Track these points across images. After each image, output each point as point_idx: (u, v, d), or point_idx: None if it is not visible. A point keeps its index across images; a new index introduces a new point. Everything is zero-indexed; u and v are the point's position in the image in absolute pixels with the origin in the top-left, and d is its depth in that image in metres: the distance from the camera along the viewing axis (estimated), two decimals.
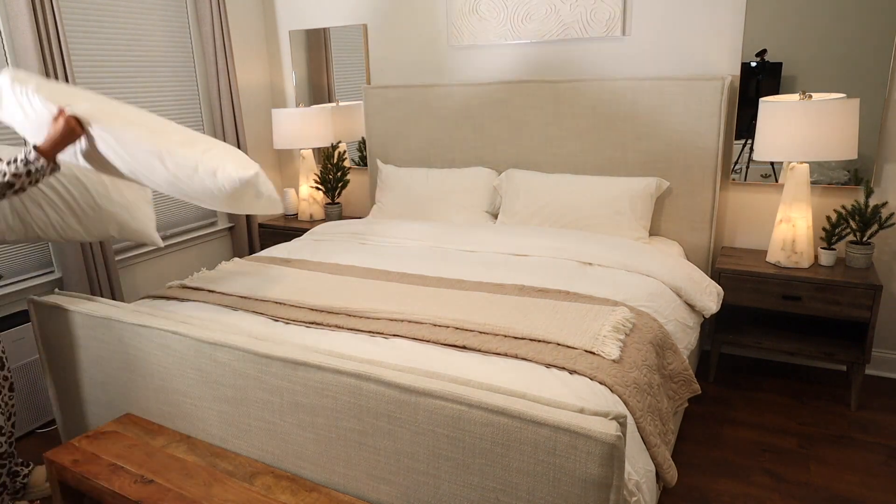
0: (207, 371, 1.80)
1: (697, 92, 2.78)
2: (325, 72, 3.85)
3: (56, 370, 2.22)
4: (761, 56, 2.75)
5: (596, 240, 2.66)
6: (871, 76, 2.59)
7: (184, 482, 1.69)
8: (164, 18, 3.36)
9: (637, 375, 1.73)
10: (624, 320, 1.91)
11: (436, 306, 2.04)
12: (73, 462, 1.81)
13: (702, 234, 2.92)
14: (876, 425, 2.51)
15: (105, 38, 3.07)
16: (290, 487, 1.65)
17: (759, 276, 2.63)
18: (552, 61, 3.20)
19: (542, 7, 3.13)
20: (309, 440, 1.66)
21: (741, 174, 2.91)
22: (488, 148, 3.33)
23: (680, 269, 2.46)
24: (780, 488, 2.15)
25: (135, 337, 1.94)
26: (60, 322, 2.12)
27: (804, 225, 2.60)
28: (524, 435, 1.33)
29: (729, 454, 2.35)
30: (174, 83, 3.45)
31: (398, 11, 3.53)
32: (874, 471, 2.23)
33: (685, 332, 2.27)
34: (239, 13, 3.78)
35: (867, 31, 2.55)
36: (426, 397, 1.43)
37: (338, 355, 1.63)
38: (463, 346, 1.78)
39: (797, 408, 2.65)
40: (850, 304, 2.50)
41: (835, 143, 2.42)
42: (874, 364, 2.90)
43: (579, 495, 1.31)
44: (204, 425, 1.88)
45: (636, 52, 3.01)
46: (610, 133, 3.01)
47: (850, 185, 2.73)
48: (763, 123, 2.56)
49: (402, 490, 1.55)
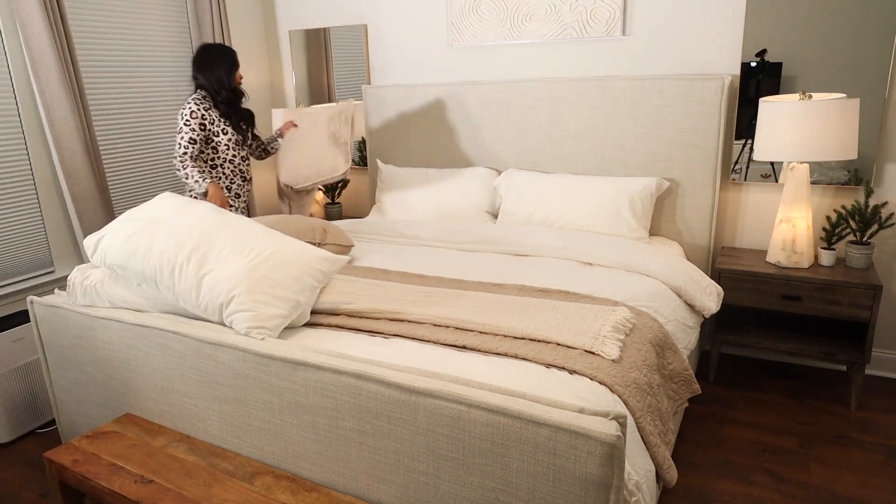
0: (207, 371, 1.80)
1: (697, 92, 2.78)
2: (325, 72, 3.85)
3: (56, 370, 2.22)
4: (761, 56, 2.75)
5: (596, 240, 2.66)
6: (871, 76, 2.59)
7: (184, 482, 1.68)
8: (164, 18, 3.36)
9: (637, 375, 1.73)
10: (624, 320, 1.91)
11: (436, 306, 2.03)
12: (73, 462, 1.81)
13: (702, 234, 2.92)
14: (876, 425, 2.51)
15: (105, 38, 3.07)
16: (289, 487, 1.65)
17: (759, 276, 2.63)
18: (552, 61, 3.20)
19: (542, 7, 3.13)
20: (309, 440, 1.66)
21: (741, 174, 2.91)
22: (488, 148, 3.33)
23: (680, 269, 2.46)
24: (780, 488, 2.15)
25: (135, 337, 1.94)
26: (60, 322, 2.12)
27: (804, 225, 2.60)
28: (524, 435, 1.33)
29: (729, 454, 2.35)
30: (174, 83, 3.45)
31: (398, 11, 3.53)
32: (874, 471, 2.23)
33: (685, 331, 2.27)
34: (239, 13, 3.78)
35: (867, 31, 2.55)
36: (426, 397, 1.43)
37: (338, 355, 1.63)
38: (463, 346, 1.78)
39: (797, 408, 2.65)
40: (850, 304, 2.50)
41: (835, 143, 2.41)
42: (874, 364, 2.89)
43: (579, 495, 1.31)
44: (204, 425, 1.88)
45: (636, 52, 3.01)
46: (610, 133, 3.01)
47: (850, 185, 2.73)
48: (763, 123, 2.56)
49: (402, 490, 1.55)
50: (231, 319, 1.81)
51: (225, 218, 2.03)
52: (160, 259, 1.91)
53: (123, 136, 3.19)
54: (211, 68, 2.82)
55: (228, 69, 2.85)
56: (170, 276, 1.89)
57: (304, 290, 1.92)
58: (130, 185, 3.25)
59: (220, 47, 2.88)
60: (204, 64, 2.83)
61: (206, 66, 2.83)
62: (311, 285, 1.94)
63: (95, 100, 3.04)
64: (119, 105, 3.16)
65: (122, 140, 3.18)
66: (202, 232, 1.95)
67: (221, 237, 1.94)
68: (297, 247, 1.98)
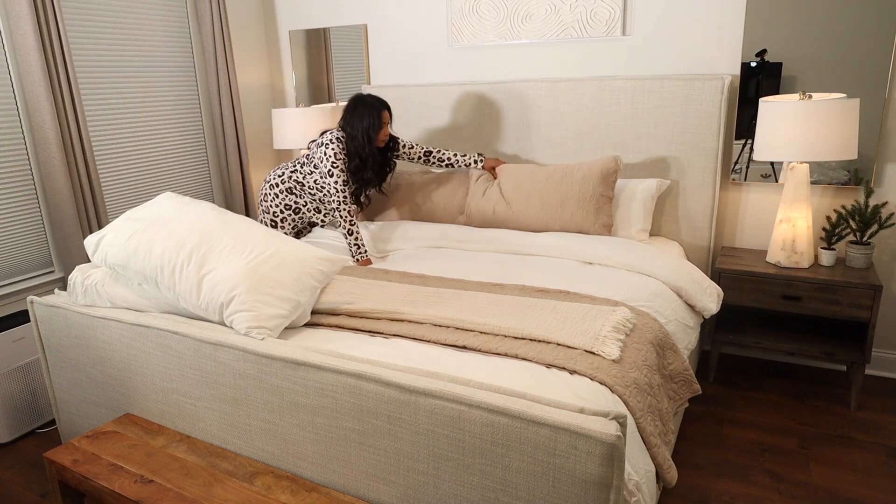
0: (207, 371, 1.80)
1: (697, 92, 2.78)
2: (325, 72, 3.85)
3: (56, 370, 2.22)
4: (761, 56, 2.75)
5: (596, 240, 2.66)
6: (871, 76, 2.59)
7: (184, 482, 1.68)
8: (164, 18, 3.36)
9: (637, 375, 1.73)
10: (624, 320, 1.91)
11: (436, 306, 2.03)
12: (73, 462, 1.81)
13: (702, 234, 2.92)
14: (876, 425, 2.51)
15: (105, 38, 3.07)
16: (289, 487, 1.65)
17: (759, 276, 2.63)
18: (552, 61, 3.20)
19: (542, 7, 3.13)
20: (309, 440, 1.66)
21: (741, 174, 2.91)
22: (488, 148, 3.33)
23: (680, 269, 2.46)
24: (780, 488, 2.15)
25: (135, 337, 1.94)
26: (60, 322, 2.12)
27: (804, 225, 2.60)
28: (524, 435, 1.33)
29: (729, 454, 2.35)
30: (174, 83, 3.45)
31: (398, 11, 3.53)
32: (874, 471, 2.23)
33: (685, 332, 2.27)
34: (239, 13, 3.78)
35: (867, 31, 2.55)
36: (426, 397, 1.43)
37: (338, 355, 1.63)
38: (463, 346, 1.78)
39: (797, 408, 2.65)
40: (850, 304, 2.50)
41: (835, 143, 2.41)
42: (874, 364, 2.89)
43: (579, 495, 1.31)
44: (204, 425, 1.88)
45: (636, 52, 3.01)
46: (610, 133, 3.01)
47: (850, 185, 2.73)
48: (763, 123, 2.56)
49: (402, 490, 1.55)
50: (231, 319, 1.81)
51: (226, 218, 2.03)
52: (161, 259, 1.91)
53: (121, 136, 3.19)
54: (360, 118, 2.75)
55: (373, 126, 2.75)
56: (170, 275, 1.89)
57: (305, 290, 1.92)
58: (130, 186, 3.24)
59: (374, 99, 2.79)
60: (355, 113, 2.77)
61: (357, 115, 2.76)
62: (311, 285, 1.94)
63: (93, 100, 3.03)
64: (118, 105, 3.15)
65: (120, 140, 3.18)
66: (203, 232, 1.95)
67: (222, 237, 1.94)
68: (298, 247, 1.98)
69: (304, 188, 2.93)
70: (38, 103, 2.68)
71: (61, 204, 2.79)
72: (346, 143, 2.77)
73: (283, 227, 3.01)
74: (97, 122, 3.06)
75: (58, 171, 2.75)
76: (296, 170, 2.94)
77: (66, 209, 2.80)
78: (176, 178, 3.50)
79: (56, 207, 2.79)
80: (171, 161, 3.47)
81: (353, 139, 2.76)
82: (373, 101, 2.78)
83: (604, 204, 2.75)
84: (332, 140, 2.73)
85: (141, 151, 3.29)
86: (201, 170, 3.65)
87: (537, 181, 2.86)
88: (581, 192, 2.76)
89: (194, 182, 3.62)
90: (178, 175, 3.52)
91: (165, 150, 3.42)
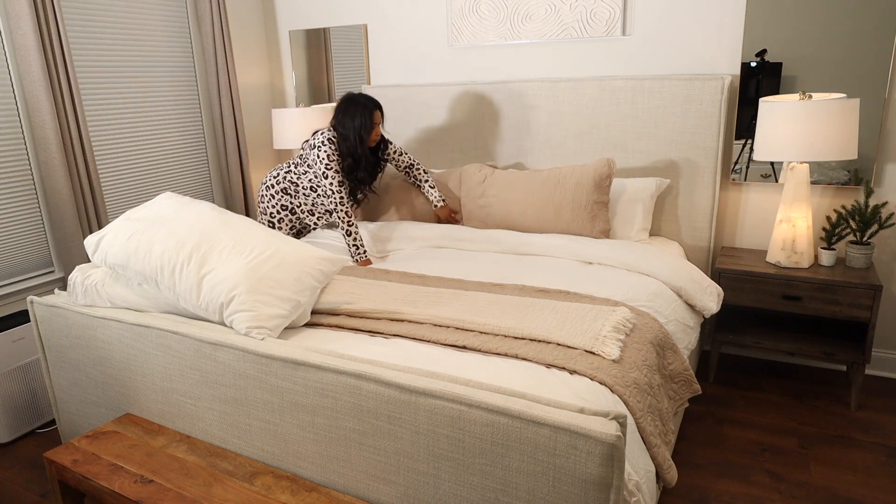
0: (207, 371, 1.80)
1: (697, 92, 2.78)
2: (325, 72, 3.85)
3: (56, 370, 2.22)
4: (761, 56, 2.75)
5: (596, 240, 2.66)
6: (871, 76, 2.59)
7: (184, 482, 1.68)
8: (164, 18, 3.36)
9: (637, 375, 1.73)
10: (624, 320, 1.91)
11: (436, 306, 2.03)
12: (73, 462, 1.81)
13: (702, 234, 2.92)
14: (876, 425, 2.51)
15: (105, 38, 3.07)
16: (289, 487, 1.65)
17: (759, 276, 2.63)
18: (552, 61, 3.20)
19: (542, 7, 3.13)
20: (309, 440, 1.66)
21: (741, 174, 2.91)
22: (488, 148, 3.33)
23: (680, 269, 2.46)
24: (780, 488, 2.15)
25: (135, 337, 1.94)
26: (60, 322, 2.12)
27: (804, 225, 2.60)
28: (524, 435, 1.33)
29: (729, 454, 2.35)
30: (174, 83, 3.45)
31: (398, 11, 3.53)
32: (874, 471, 2.23)
33: (685, 332, 2.27)
34: (239, 13, 3.78)
35: (867, 31, 2.55)
36: (426, 397, 1.43)
37: (338, 355, 1.63)
38: (463, 346, 1.78)
39: (797, 408, 2.65)
40: (850, 304, 2.50)
41: (835, 143, 2.41)
42: (874, 364, 2.89)
43: (579, 495, 1.31)
44: (204, 425, 1.88)
45: (636, 52, 3.01)
46: (610, 133, 3.01)
47: (850, 185, 2.73)
48: (763, 123, 2.56)
49: (402, 490, 1.55)
50: (231, 319, 1.81)
51: (226, 218, 2.03)
52: (161, 259, 1.91)
53: (121, 136, 3.19)
54: (352, 118, 2.74)
55: (365, 126, 2.75)
56: (170, 275, 1.89)
57: (305, 290, 1.92)
58: (130, 186, 3.25)
59: (366, 99, 2.78)
60: (347, 113, 2.76)
61: (349, 115, 2.75)
62: (311, 285, 1.94)
63: (93, 100, 3.03)
64: (118, 105, 3.15)
65: (120, 140, 3.18)
66: (203, 232, 1.95)
67: (222, 237, 1.94)
68: (298, 247, 1.99)
69: (298, 188, 2.93)
70: (38, 103, 2.68)
71: (61, 204, 2.79)
72: (339, 143, 2.76)
73: (281, 227, 3.01)
74: (97, 122, 3.06)
75: (58, 171, 2.75)
76: (290, 170, 2.95)
77: (66, 209, 2.79)
78: (176, 178, 3.50)
79: (56, 207, 2.79)
80: (171, 161, 3.47)
81: (345, 139, 2.76)
82: (364, 100, 2.77)
83: (599, 210, 2.74)
84: (325, 142, 2.73)
85: (141, 151, 3.29)
86: (201, 170, 3.65)
87: (531, 189, 2.85)
88: (574, 200, 2.74)
89: (194, 182, 3.62)
90: (178, 175, 3.52)
91: (165, 150, 3.42)
